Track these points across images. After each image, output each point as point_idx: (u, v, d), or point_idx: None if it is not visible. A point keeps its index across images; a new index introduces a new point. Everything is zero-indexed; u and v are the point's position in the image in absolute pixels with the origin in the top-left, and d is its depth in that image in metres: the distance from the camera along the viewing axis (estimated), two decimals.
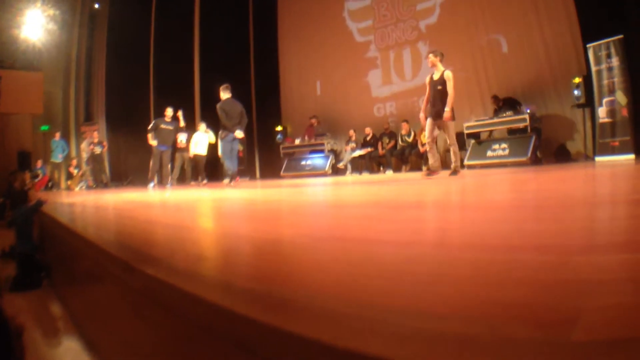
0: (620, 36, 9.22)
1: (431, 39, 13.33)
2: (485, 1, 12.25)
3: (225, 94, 9.39)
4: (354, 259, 1.48)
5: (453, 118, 7.38)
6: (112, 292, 1.93)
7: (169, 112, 11.48)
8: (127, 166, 16.80)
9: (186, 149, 12.66)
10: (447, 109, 7.26)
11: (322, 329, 0.80)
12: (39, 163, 15.67)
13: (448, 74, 7.37)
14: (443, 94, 7.33)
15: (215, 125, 10.53)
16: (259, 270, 1.41)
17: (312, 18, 16.12)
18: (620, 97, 9.22)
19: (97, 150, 15.10)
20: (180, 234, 2.48)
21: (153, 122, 11.54)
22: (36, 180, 14.88)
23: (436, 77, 7.51)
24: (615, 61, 9.29)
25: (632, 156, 8.88)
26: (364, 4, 15.12)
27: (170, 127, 11.42)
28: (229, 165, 9.23)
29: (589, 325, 0.73)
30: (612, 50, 9.34)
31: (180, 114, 11.78)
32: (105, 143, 15.95)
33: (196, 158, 12.77)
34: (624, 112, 9.15)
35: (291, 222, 2.85)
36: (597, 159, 9.45)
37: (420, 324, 0.81)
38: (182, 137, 12.41)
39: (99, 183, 15.15)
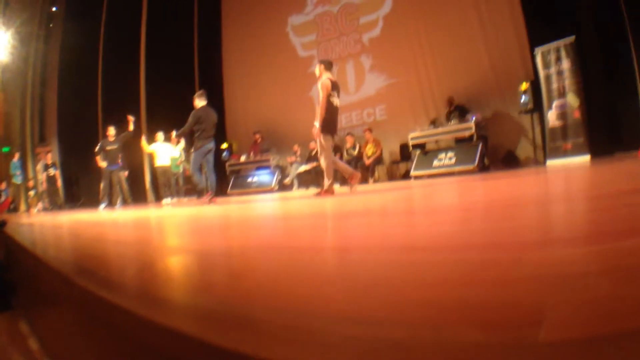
0: (572, 37, 9.29)
1: (374, 52, 13.43)
2: (428, 11, 12.35)
3: (200, 101, 8.54)
4: (285, 265, 1.38)
5: (324, 132, 6.69)
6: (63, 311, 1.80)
7: (112, 131, 11.29)
8: (80, 187, 16.54)
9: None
10: (315, 123, 6.69)
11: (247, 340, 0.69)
12: (3, 185, 15.78)
13: (319, 85, 6.71)
14: None
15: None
16: (204, 284, 1.28)
17: (257, 33, 15.99)
18: (572, 99, 9.30)
19: (51, 172, 14.88)
20: (124, 250, 2.36)
21: (99, 144, 11.38)
22: None
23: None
24: (566, 63, 9.36)
25: (587, 157, 8.96)
26: (307, 19, 15.12)
27: (115, 146, 11.20)
28: (198, 179, 8.59)
29: (556, 323, 0.62)
30: (563, 52, 9.41)
31: (130, 119, 11.32)
32: (57, 164, 15.69)
33: (159, 170, 12.61)
34: (577, 114, 9.23)
35: (238, 234, 2.70)
36: (549, 162, 9.52)
37: (354, 330, 0.70)
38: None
39: (54, 205, 14.81)
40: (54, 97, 16.94)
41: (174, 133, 11.30)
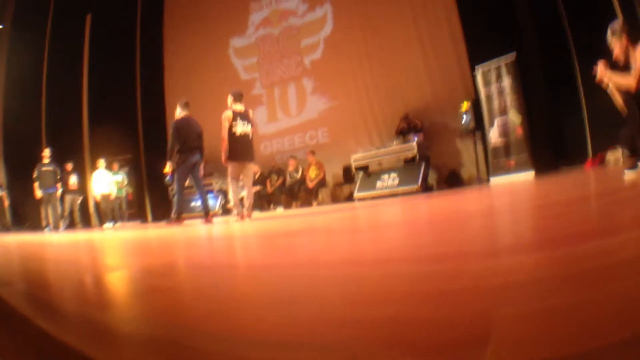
0: (513, 54, 9.43)
1: (316, 74, 13.44)
2: (369, 33, 12.43)
3: (181, 111, 8.02)
4: (206, 285, 1.29)
5: (229, 159, 7.12)
6: None
7: (47, 152, 11.32)
8: (26, 210, 15.74)
9: (78, 190, 12.39)
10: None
11: None
12: None
13: (223, 116, 7.17)
14: None
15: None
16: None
17: (199, 55, 15.76)
18: (514, 116, 9.41)
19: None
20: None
21: (35, 170, 11.25)
22: None
23: None
24: (506, 80, 9.48)
25: (531, 173, 9.06)
26: (249, 42, 15.03)
27: (50, 168, 11.20)
28: (178, 199, 7.86)
29: (504, 342, 0.53)
30: (504, 70, 9.54)
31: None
32: (3, 185, 15.24)
33: (104, 198, 12.49)
34: (519, 131, 9.33)
35: (173, 253, 2.53)
36: (493, 180, 9.58)
37: (254, 355, 0.62)
38: (73, 179, 12.04)
39: (1, 227, 14.30)
40: (0, 116, 16.29)
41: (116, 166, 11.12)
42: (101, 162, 12.53)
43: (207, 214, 7.94)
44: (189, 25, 16.04)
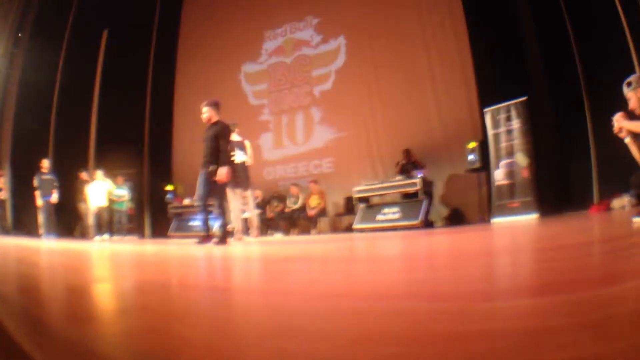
0: (524, 98, 9.41)
1: (324, 104, 13.45)
2: (381, 67, 12.47)
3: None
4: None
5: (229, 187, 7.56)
6: None
7: (46, 163, 11.69)
8: (28, 215, 15.74)
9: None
10: None
11: None
12: None
13: None
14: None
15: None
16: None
17: (210, 78, 15.82)
18: (521, 159, 9.36)
19: (2, 196, 14.14)
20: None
21: (36, 179, 11.61)
22: None
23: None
24: (516, 123, 9.46)
25: (535, 215, 8.96)
26: (261, 68, 15.12)
27: (49, 177, 11.59)
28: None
29: None
30: (513, 112, 9.53)
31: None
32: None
33: (100, 210, 12.45)
34: (525, 173, 9.27)
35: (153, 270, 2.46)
36: (494, 220, 9.45)
37: None
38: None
39: (2, 230, 14.01)
40: (10, 122, 16.37)
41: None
42: (98, 174, 12.55)
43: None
44: (202, 49, 16.18)
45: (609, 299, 0.97)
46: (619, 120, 4.15)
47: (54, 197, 11.80)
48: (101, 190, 12.43)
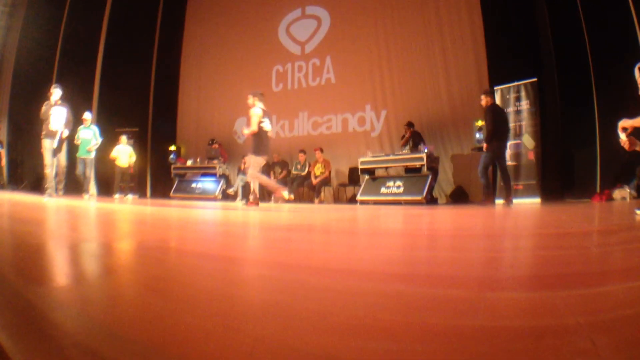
0: (534, 79, 9.35)
1: (336, 76, 13.29)
2: (392, 36, 12.35)
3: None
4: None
5: (255, 153, 7.65)
6: None
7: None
8: (24, 170, 16.08)
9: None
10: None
11: None
12: None
13: (251, 112, 7.67)
14: None
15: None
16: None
17: (218, 39, 15.66)
18: (528, 141, 9.32)
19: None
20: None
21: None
22: None
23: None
24: (525, 104, 9.40)
25: (537, 199, 8.96)
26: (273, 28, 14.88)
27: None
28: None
29: None
30: (523, 92, 9.45)
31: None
32: (3, 143, 15.29)
33: (117, 170, 12.72)
34: (530, 156, 9.25)
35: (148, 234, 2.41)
36: (498, 201, 9.21)
37: None
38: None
39: None
40: (9, 75, 16.50)
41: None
42: (123, 139, 12.79)
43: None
44: (211, 7, 15.99)
45: (625, 296, 0.90)
46: (623, 124, 3.95)
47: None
48: (124, 154, 12.72)
